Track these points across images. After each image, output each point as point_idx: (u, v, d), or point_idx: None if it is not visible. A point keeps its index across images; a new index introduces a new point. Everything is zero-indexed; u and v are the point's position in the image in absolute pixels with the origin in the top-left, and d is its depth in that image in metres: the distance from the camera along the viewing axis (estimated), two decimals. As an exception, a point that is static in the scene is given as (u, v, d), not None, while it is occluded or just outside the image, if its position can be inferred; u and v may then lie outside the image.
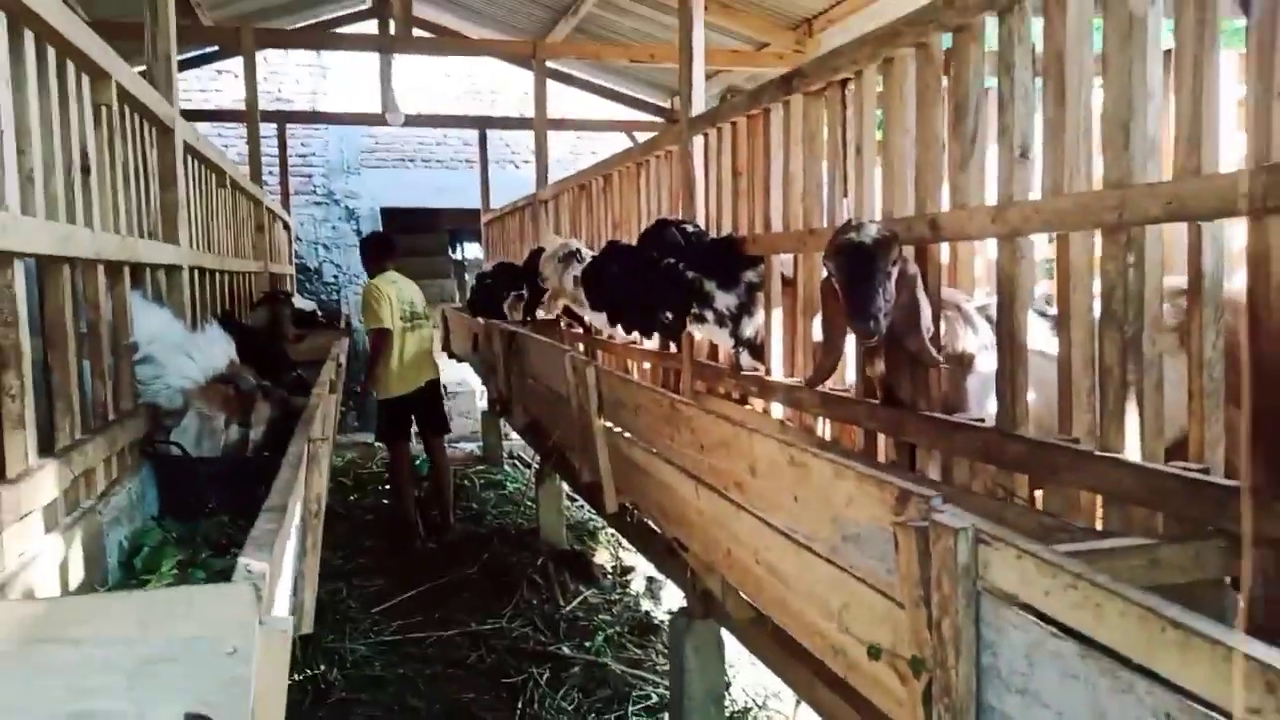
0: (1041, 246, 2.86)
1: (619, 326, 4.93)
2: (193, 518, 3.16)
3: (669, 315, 3.96)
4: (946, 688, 1.56)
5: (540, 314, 7.03)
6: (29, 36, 2.42)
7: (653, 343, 5.54)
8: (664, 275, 3.88)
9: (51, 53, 2.61)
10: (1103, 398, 2.24)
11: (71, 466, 2.50)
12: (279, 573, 1.78)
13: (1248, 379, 1.77)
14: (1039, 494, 2.58)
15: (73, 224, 2.71)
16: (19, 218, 2.25)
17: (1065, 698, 1.36)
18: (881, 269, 2.61)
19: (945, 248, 3.07)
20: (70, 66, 2.78)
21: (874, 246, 2.64)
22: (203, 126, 12.68)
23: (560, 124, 12.22)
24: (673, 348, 5.14)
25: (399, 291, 7.23)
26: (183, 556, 2.78)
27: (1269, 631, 1.80)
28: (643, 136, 12.19)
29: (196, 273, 4.70)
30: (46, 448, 2.51)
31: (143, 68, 4.65)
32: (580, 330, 6.77)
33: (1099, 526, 2.32)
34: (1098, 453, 2.19)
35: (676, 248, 3.97)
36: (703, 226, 4.53)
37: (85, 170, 2.89)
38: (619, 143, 13.93)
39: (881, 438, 3.16)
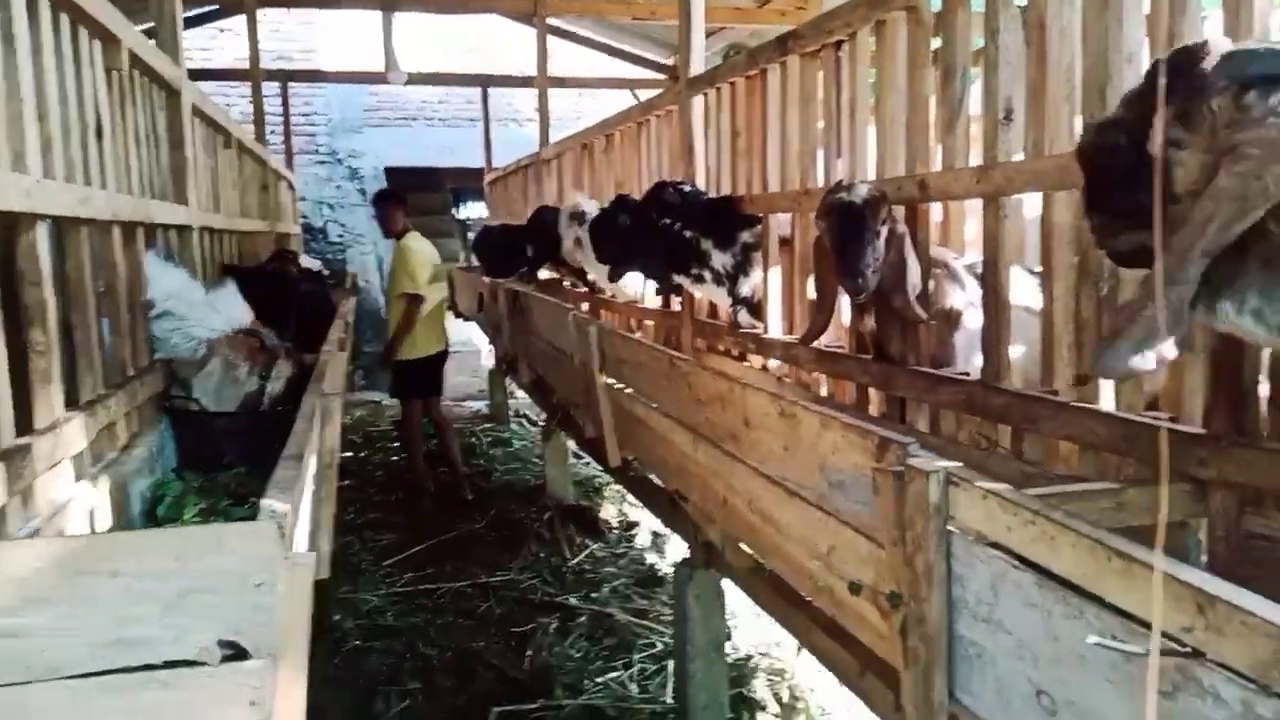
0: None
1: (619, 282, 5.04)
2: (210, 470, 3.29)
3: (665, 273, 4.07)
4: (920, 619, 1.68)
5: (542, 274, 7.11)
6: (44, 4, 2.50)
7: (654, 301, 5.64)
8: (661, 234, 3.98)
9: (65, 20, 2.69)
10: (1079, 351, 2.34)
11: (96, 419, 2.62)
12: (298, 517, 1.90)
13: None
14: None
15: (89, 186, 2.81)
16: (41, 181, 2.35)
17: (1024, 624, 1.48)
18: (870, 228, 2.70)
19: (937, 208, 3.15)
20: (83, 32, 2.86)
21: (863, 206, 2.73)
22: (205, 86, 12.69)
23: (562, 82, 12.20)
24: (675, 305, 5.24)
25: (431, 252, 7.35)
26: (204, 505, 2.92)
27: (1228, 569, 1.92)
28: (645, 94, 12.17)
29: (206, 233, 4.79)
30: (71, 402, 2.63)
31: (148, 25, 4.72)
32: (584, 289, 6.86)
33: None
34: (1073, 403, 2.30)
35: (673, 207, 4.05)
36: (702, 186, 4.61)
37: (99, 134, 2.98)
38: (622, 100, 13.91)
39: (873, 392, 3.27)
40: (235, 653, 1.46)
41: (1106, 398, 2.25)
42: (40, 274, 2.35)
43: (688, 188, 4.30)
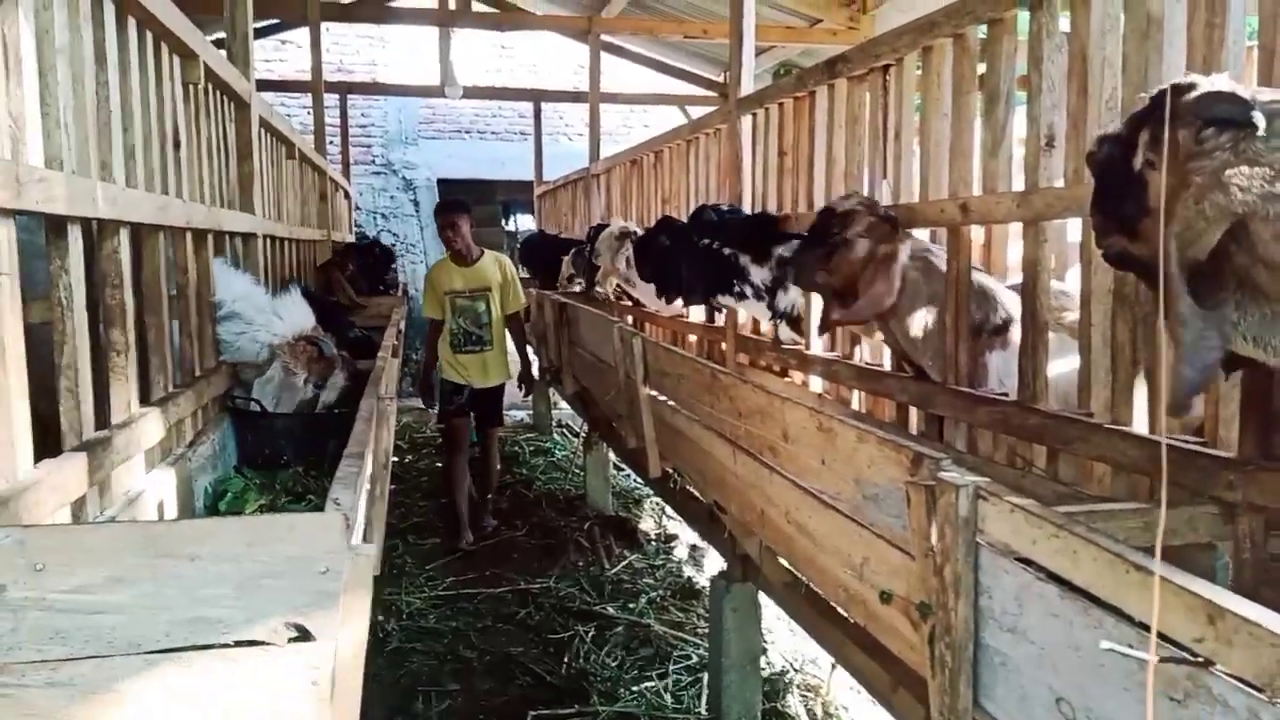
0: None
1: (664, 299, 5.16)
2: (268, 468, 3.43)
3: (706, 293, 4.22)
4: (948, 627, 1.75)
5: (599, 291, 7.24)
6: (132, 23, 2.66)
7: (698, 316, 5.73)
8: (702, 253, 4.10)
9: (150, 37, 2.85)
10: (1115, 374, 2.39)
11: (167, 416, 2.76)
12: (357, 511, 2.00)
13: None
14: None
15: (166, 195, 2.97)
16: (125, 190, 2.50)
17: (1047, 634, 1.54)
18: (836, 233, 2.93)
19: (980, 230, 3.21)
20: (165, 49, 3.02)
21: (839, 214, 2.98)
22: (268, 96, 13.05)
23: (613, 98, 12.37)
24: (719, 320, 5.32)
25: (445, 277, 6.40)
26: (264, 501, 3.05)
27: (1254, 590, 1.96)
28: (695, 110, 12.30)
29: (268, 240, 4.97)
30: (144, 399, 2.77)
31: (218, 35, 4.91)
32: (629, 303, 6.97)
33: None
34: (1106, 425, 2.34)
35: (712, 226, 4.18)
36: (748, 204, 4.70)
37: (177, 145, 3.14)
38: (671, 116, 14.05)
39: (913, 410, 3.33)
40: (300, 634, 1.56)
41: (1140, 420, 2.30)
42: (121, 277, 2.50)
43: (725, 208, 4.43)
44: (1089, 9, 2.42)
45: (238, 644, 1.54)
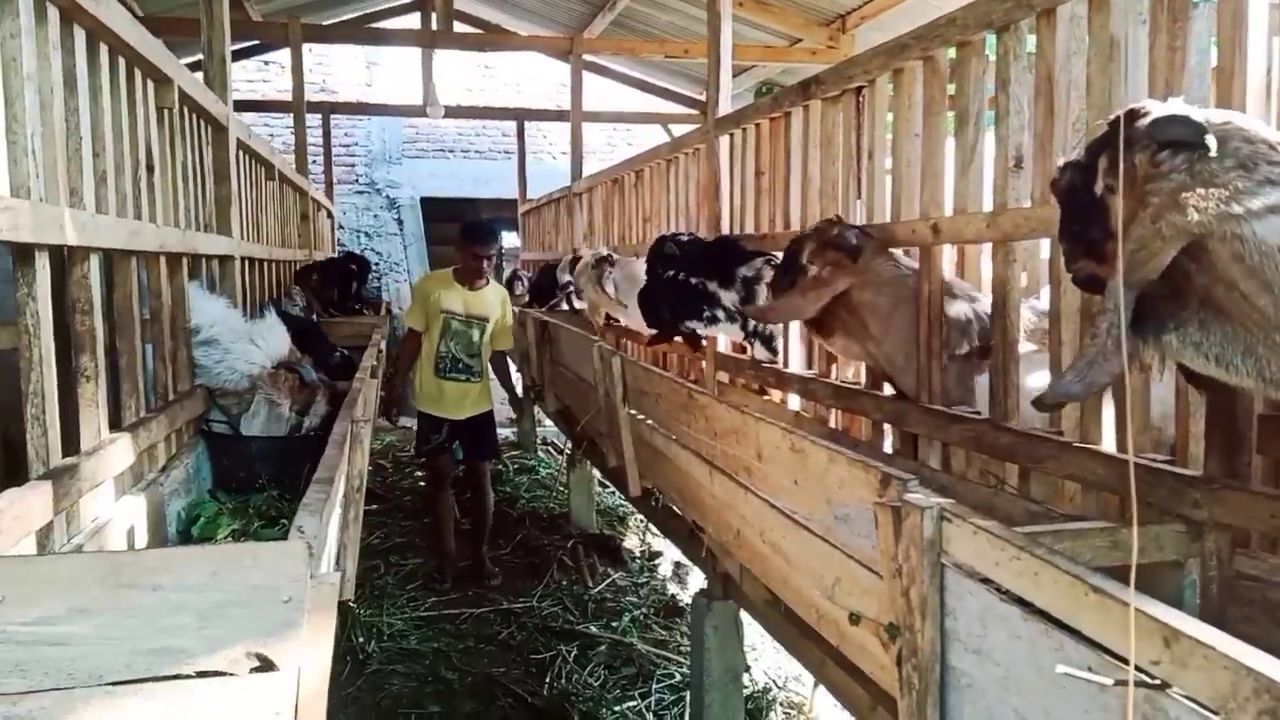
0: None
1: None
2: (243, 492, 3.41)
3: (685, 323, 4.27)
4: (914, 649, 1.75)
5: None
6: (104, 49, 2.66)
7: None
8: (669, 285, 4.14)
9: (122, 63, 2.85)
10: (1083, 393, 2.40)
11: (137, 441, 2.75)
12: (325, 538, 2.00)
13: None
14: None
15: (139, 220, 2.96)
16: (95, 216, 2.49)
17: (1011, 656, 1.54)
18: (795, 254, 3.28)
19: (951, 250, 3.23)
20: (138, 74, 3.02)
21: (793, 241, 3.34)
22: (250, 116, 13.07)
23: (596, 116, 12.42)
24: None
25: (438, 293, 5.97)
26: (236, 526, 3.03)
27: (1220, 608, 1.98)
28: (677, 129, 12.36)
29: (246, 262, 4.96)
30: (115, 424, 2.76)
31: (195, 58, 4.91)
32: (613, 321, 6.99)
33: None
34: (1076, 444, 2.36)
35: (674, 259, 4.22)
36: (726, 223, 4.73)
37: (150, 169, 3.13)
38: (654, 134, 14.11)
39: (888, 427, 3.34)
40: (263, 664, 1.56)
41: (1108, 439, 2.31)
42: (91, 303, 2.48)
43: (685, 237, 4.48)
44: (1054, 32, 2.45)
45: (200, 674, 1.53)
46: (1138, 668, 1.30)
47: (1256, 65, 1.98)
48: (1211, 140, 1.62)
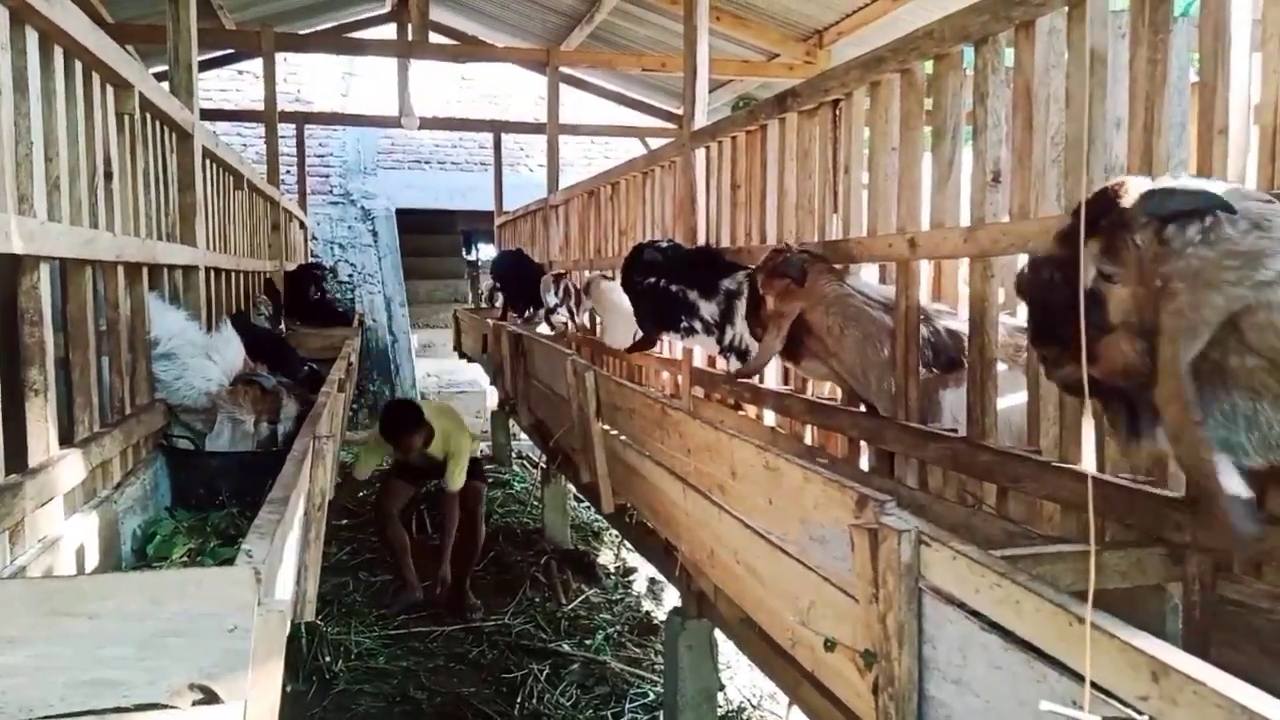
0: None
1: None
2: (203, 509, 3.31)
3: (656, 328, 4.23)
4: (891, 678, 1.68)
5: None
6: (58, 52, 2.57)
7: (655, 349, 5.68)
8: (648, 291, 4.09)
9: (79, 67, 2.76)
10: (1062, 411, 2.36)
11: (89, 457, 2.65)
12: (280, 560, 1.91)
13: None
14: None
15: (95, 228, 2.86)
16: (45, 224, 2.40)
17: (992, 687, 1.48)
18: (753, 287, 3.42)
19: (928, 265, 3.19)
20: (96, 79, 2.93)
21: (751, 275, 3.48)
22: (222, 126, 12.92)
23: (573, 129, 12.38)
24: (676, 352, 5.27)
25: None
26: (193, 545, 2.93)
27: (1204, 633, 1.93)
28: (655, 142, 12.32)
29: (212, 273, 4.86)
30: (66, 439, 2.66)
31: (163, 69, 4.82)
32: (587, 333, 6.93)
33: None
34: (1055, 464, 2.31)
35: (656, 266, 4.17)
36: (702, 236, 4.67)
37: (108, 176, 3.04)
38: (631, 147, 14.07)
39: (864, 445, 3.28)
40: (207, 697, 1.47)
41: (1087, 459, 2.26)
42: (41, 314, 2.39)
43: (665, 243, 4.42)
44: (1033, 45, 2.41)
45: (139, 708, 1.45)
46: (1124, 703, 1.25)
47: (1239, 81, 1.94)
48: (1233, 201, 1.53)
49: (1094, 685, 1.27)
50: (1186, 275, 1.55)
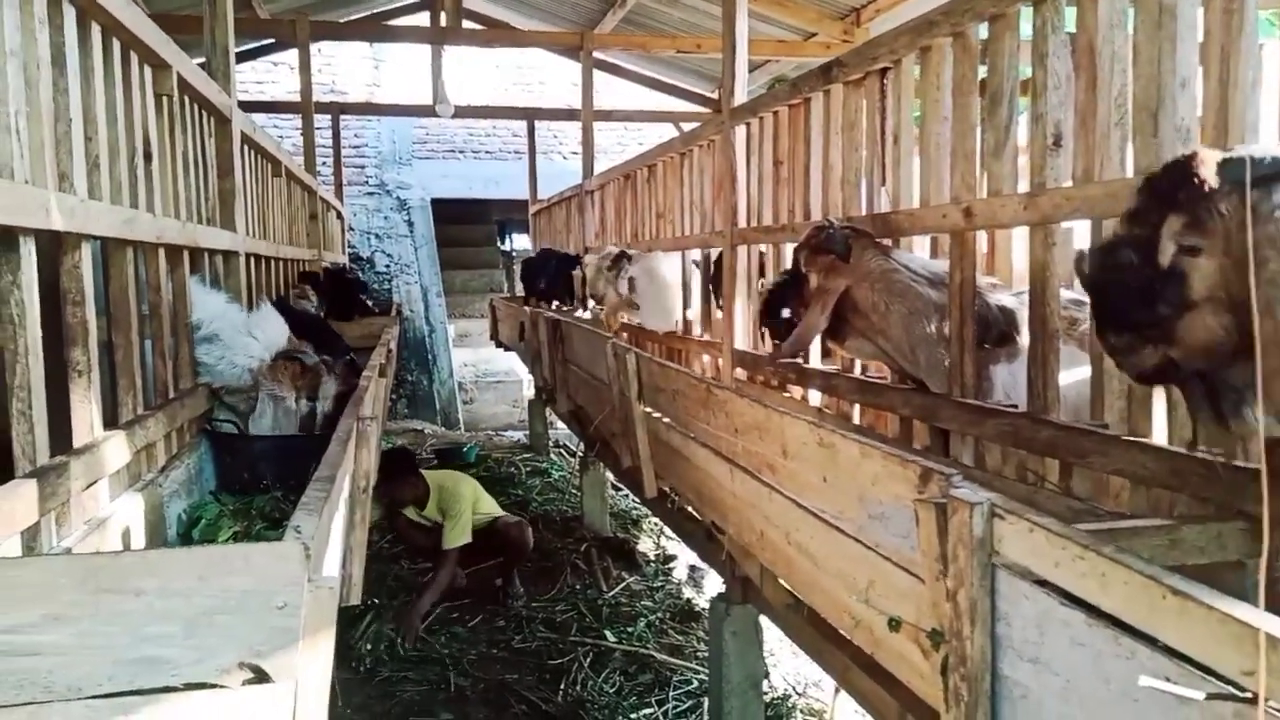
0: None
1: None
2: (247, 493, 3.29)
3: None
4: (962, 657, 1.61)
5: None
6: (96, 29, 2.55)
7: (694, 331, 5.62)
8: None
9: (117, 45, 2.73)
10: (1130, 384, 2.26)
11: (134, 440, 2.63)
12: (326, 539, 1.87)
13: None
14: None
15: (135, 209, 2.84)
16: (86, 201, 2.38)
17: (1073, 665, 1.40)
18: (796, 266, 3.36)
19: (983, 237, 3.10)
20: (134, 58, 2.91)
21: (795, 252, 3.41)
22: (259, 117, 12.96)
23: (607, 115, 12.31)
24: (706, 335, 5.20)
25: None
26: (238, 528, 2.91)
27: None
28: (689, 128, 12.23)
29: (252, 259, 4.85)
30: (111, 422, 2.64)
31: (202, 60, 4.81)
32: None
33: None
34: (1124, 437, 2.21)
35: None
36: (742, 217, 4.60)
37: (147, 157, 3.02)
38: (665, 133, 13.98)
39: (917, 424, 3.20)
40: (257, 675, 1.43)
41: (1159, 431, 2.17)
42: (83, 294, 2.37)
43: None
44: (1096, 2, 2.31)
45: (187, 686, 1.41)
46: (1223, 678, 1.17)
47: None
48: None
49: (1191, 661, 1.20)
50: (1276, 243, 1.50)
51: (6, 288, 2.00)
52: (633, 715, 4.58)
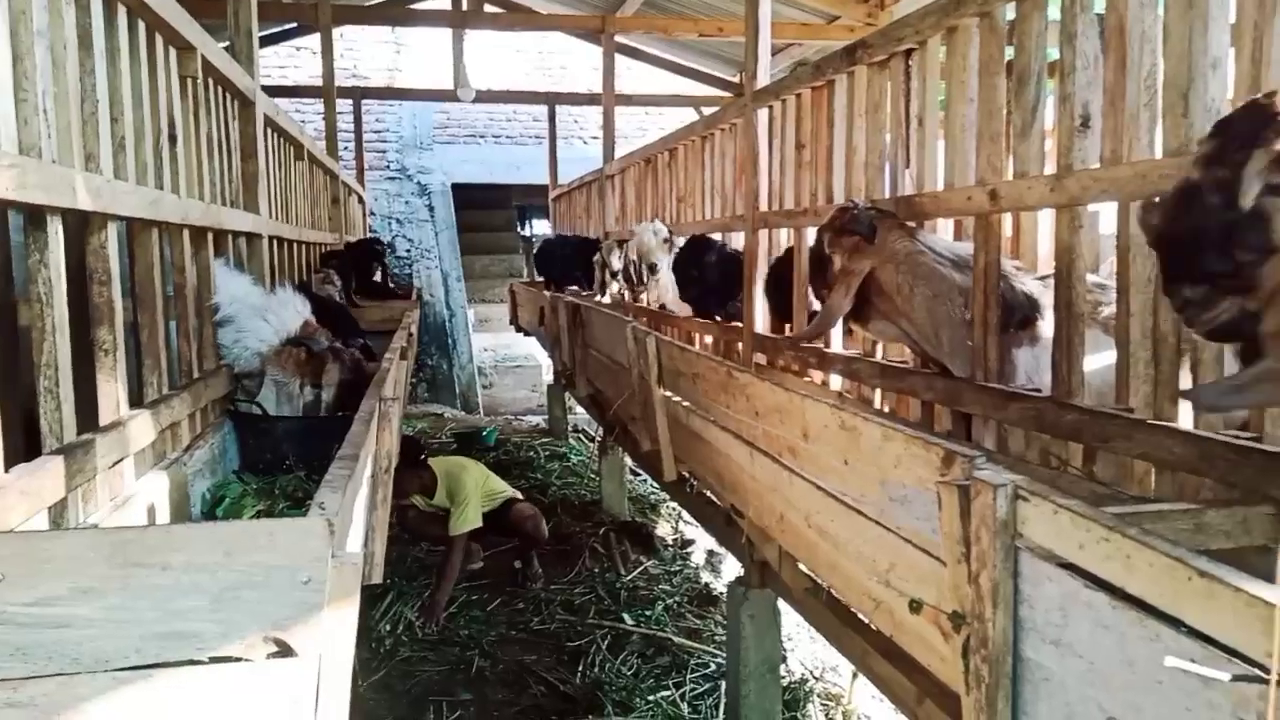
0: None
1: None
2: (270, 474, 3.32)
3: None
4: (984, 639, 1.61)
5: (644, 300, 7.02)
6: (122, 11, 2.56)
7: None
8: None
9: (142, 26, 2.75)
10: (1157, 366, 2.24)
11: (159, 419, 2.65)
12: (350, 516, 1.88)
13: None
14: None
15: (160, 190, 2.86)
16: (112, 181, 2.39)
17: (1097, 648, 1.40)
18: (819, 247, 3.34)
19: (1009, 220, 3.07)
20: (159, 40, 2.92)
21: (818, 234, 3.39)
22: (282, 102, 12.99)
23: (628, 99, 12.27)
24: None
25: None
26: (262, 507, 2.94)
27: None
28: (710, 111, 12.18)
29: (275, 242, 4.88)
30: (136, 402, 2.66)
31: (226, 43, 4.83)
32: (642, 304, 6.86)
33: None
34: (1149, 421, 2.20)
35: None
36: (764, 200, 4.58)
37: (172, 139, 3.03)
38: (686, 118, 13.93)
39: (939, 408, 3.18)
40: (281, 649, 1.44)
41: (1185, 415, 2.15)
42: (109, 273, 2.39)
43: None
44: (1126, -22, 2.28)
45: (213, 660, 1.42)
46: (1247, 660, 1.16)
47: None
48: None
49: (1217, 644, 1.19)
50: None
51: (34, 266, 2.01)
52: (650, 697, 4.59)
